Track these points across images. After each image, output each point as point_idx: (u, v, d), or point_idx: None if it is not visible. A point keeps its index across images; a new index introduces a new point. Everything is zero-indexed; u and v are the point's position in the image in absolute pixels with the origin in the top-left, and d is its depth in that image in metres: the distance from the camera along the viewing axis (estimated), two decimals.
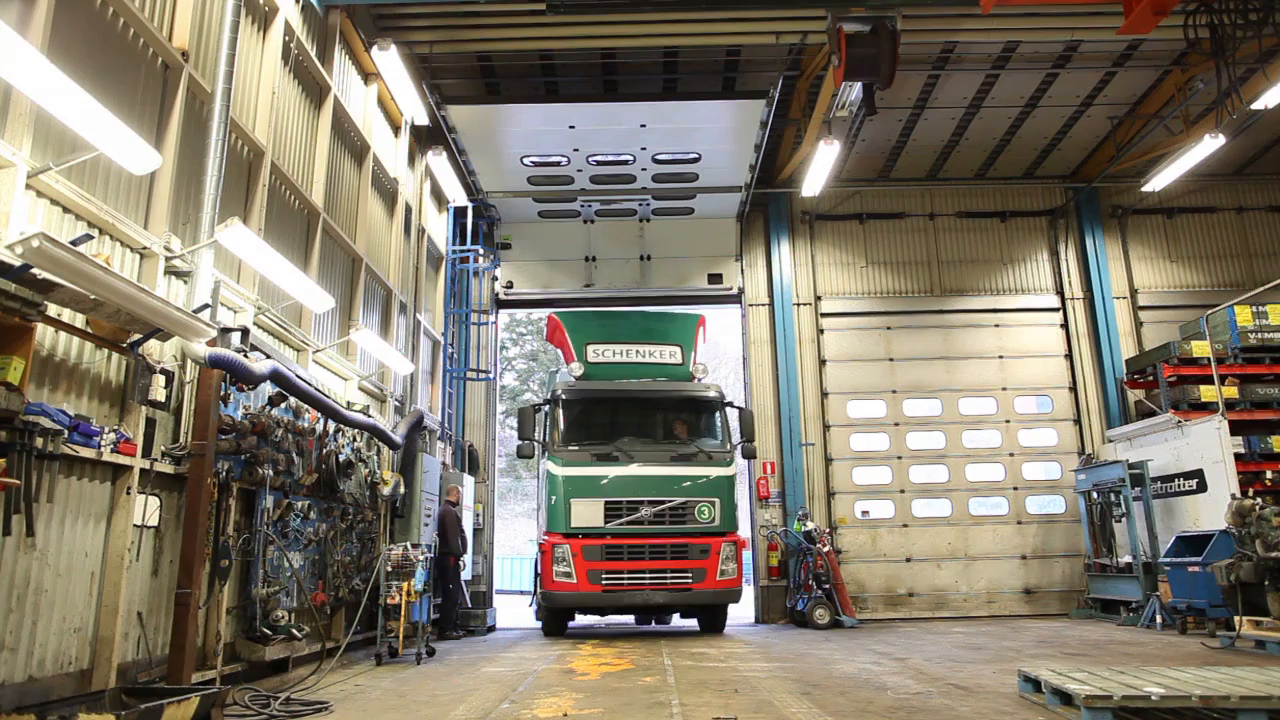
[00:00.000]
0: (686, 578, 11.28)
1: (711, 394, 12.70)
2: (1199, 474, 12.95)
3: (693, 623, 14.11)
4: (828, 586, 13.34)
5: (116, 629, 5.64)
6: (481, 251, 15.85)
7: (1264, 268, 16.84)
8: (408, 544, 9.87)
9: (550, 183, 15.21)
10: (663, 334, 13.53)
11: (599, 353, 13.12)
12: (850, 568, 15.27)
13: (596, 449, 11.90)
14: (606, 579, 11.17)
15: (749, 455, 12.46)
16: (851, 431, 16.17)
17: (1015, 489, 15.98)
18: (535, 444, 11.95)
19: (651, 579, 11.27)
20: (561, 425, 12.14)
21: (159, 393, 6.01)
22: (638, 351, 13.18)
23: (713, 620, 12.49)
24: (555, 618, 12.42)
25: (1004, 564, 15.64)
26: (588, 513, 11.43)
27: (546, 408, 12.49)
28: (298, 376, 7.84)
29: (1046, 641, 10.51)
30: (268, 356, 7.53)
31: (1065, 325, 16.70)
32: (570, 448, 11.94)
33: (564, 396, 12.38)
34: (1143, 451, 14.19)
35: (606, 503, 11.50)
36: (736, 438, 12.57)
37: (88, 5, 5.89)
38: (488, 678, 7.98)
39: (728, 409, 12.68)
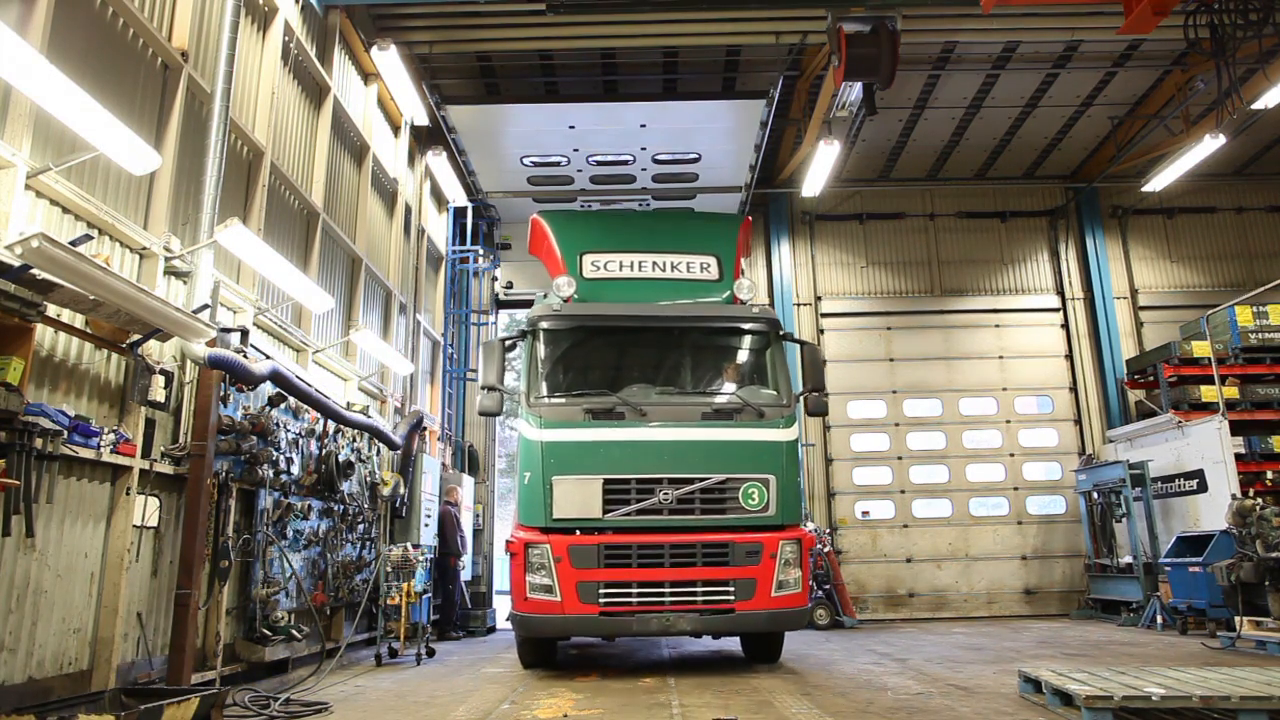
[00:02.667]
0: (727, 593, 7.39)
1: (762, 320, 8.48)
2: (1199, 474, 12.94)
3: (725, 643, 10.50)
4: (828, 587, 13.33)
5: (116, 630, 5.64)
6: (481, 252, 15.84)
7: (1264, 268, 16.83)
8: (408, 544, 9.86)
9: (550, 183, 15.20)
10: (691, 239, 9.41)
11: (599, 266, 8.93)
12: (850, 568, 15.27)
13: (593, 401, 7.83)
14: (607, 596, 7.30)
15: (817, 411, 8.23)
16: (852, 432, 16.17)
17: (1016, 489, 15.97)
18: (503, 394, 8.07)
19: (674, 596, 7.38)
20: (542, 367, 8.10)
21: (158, 393, 6.01)
22: (655, 264, 8.93)
23: (764, 646, 8.57)
24: (536, 647, 8.46)
25: (1004, 564, 15.63)
26: (578, 497, 7.50)
27: (521, 343, 8.51)
28: (297, 377, 7.84)
29: (1047, 642, 10.50)
30: (267, 357, 7.53)
31: (1066, 325, 16.69)
32: (554, 400, 7.90)
33: (545, 325, 8.21)
34: (1143, 452, 14.19)
35: (606, 482, 7.51)
36: (798, 387, 8.63)
37: (87, 5, 5.88)
38: (488, 678, 7.97)
39: (786, 344, 8.60)
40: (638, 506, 7.54)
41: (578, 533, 7.51)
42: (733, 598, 7.41)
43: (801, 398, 8.23)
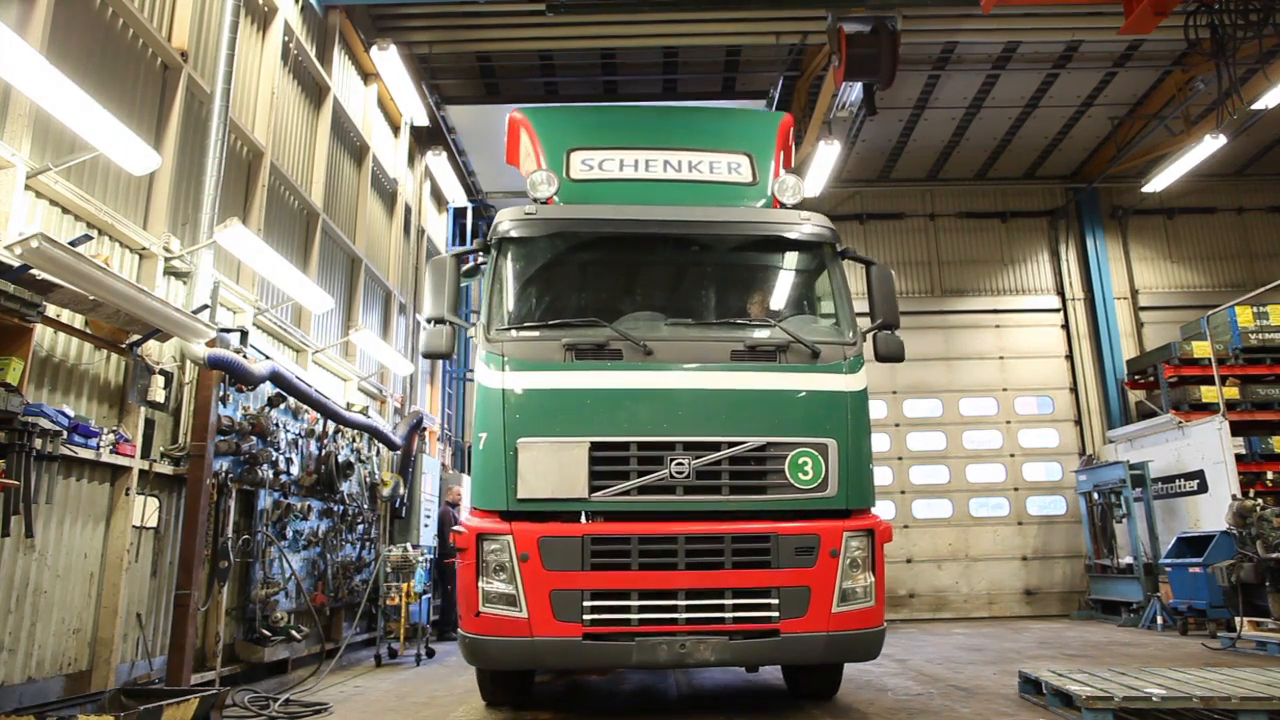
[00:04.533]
0: (768, 608, 5.19)
1: (811, 228, 6.11)
2: (1200, 475, 12.93)
3: (762, 673, 7.70)
4: None
5: (115, 630, 5.63)
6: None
7: (1265, 268, 16.82)
8: (407, 545, 9.86)
9: None
10: (715, 133, 6.99)
11: (592, 165, 6.50)
12: None
13: (578, 334, 5.53)
14: (595, 612, 5.10)
15: (890, 354, 5.95)
16: None
17: (1016, 490, 15.96)
18: (455, 330, 5.74)
19: (692, 612, 5.17)
20: (509, 291, 5.85)
21: (158, 393, 6.00)
22: (667, 163, 6.55)
23: (819, 677, 6.35)
24: (502, 681, 6.31)
25: (1005, 565, 15.63)
26: (554, 469, 5.25)
27: (481, 260, 6.33)
28: (297, 377, 7.84)
29: (1047, 643, 10.49)
30: (267, 357, 7.52)
31: (1066, 326, 16.69)
32: (522, 333, 5.62)
33: (515, 233, 5.88)
34: (1143, 452, 14.18)
35: (595, 448, 5.27)
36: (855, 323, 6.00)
37: (87, 5, 5.88)
38: None
39: (844, 262, 6.27)
40: (640, 483, 5.20)
41: (554, 520, 5.22)
42: (777, 614, 5.13)
43: (869, 336, 5.90)
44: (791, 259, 6.37)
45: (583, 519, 5.27)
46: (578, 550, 5.14)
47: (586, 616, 5.06)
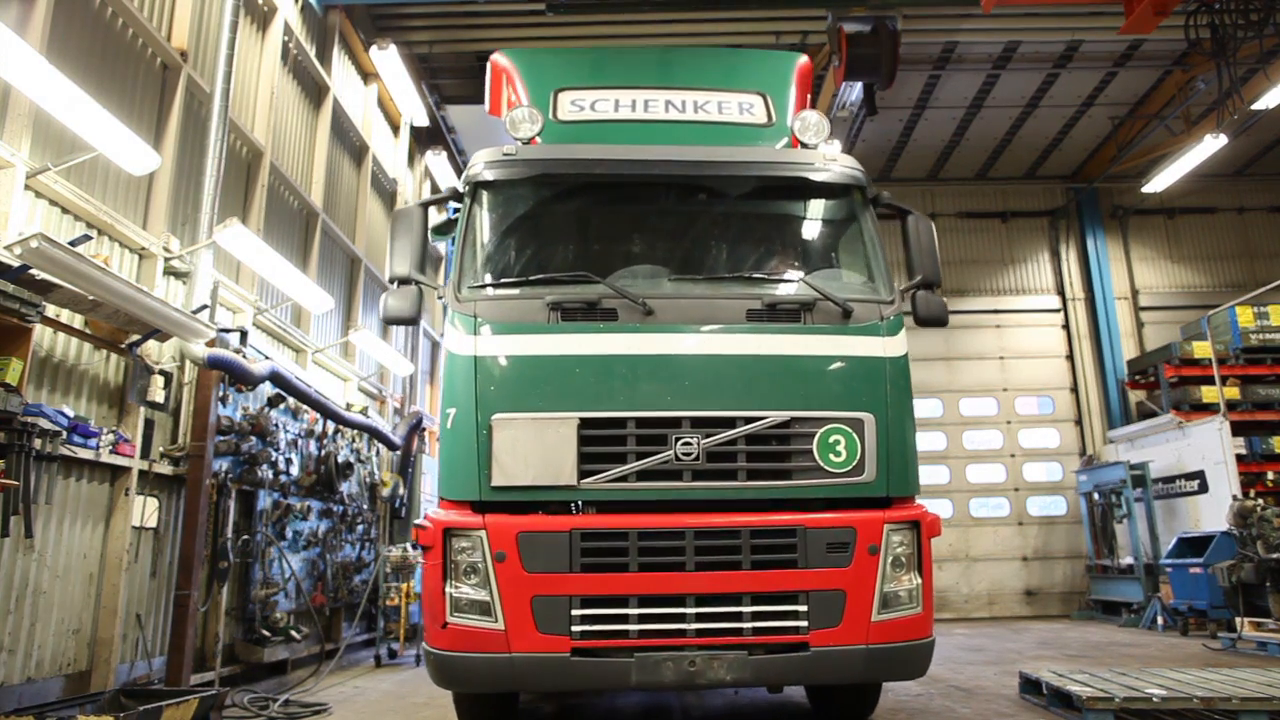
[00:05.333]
0: (795, 616, 4.38)
1: (839, 170, 5.32)
2: (1200, 475, 12.93)
3: (787, 691, 6.72)
4: None
5: (115, 630, 5.63)
6: None
7: (1265, 268, 16.81)
8: (407, 545, 9.86)
9: None
10: (725, 72, 6.29)
11: (583, 105, 5.84)
12: None
13: (564, 291, 4.73)
14: (586, 622, 4.30)
15: (931, 317, 5.07)
16: None
17: (1016, 490, 15.96)
18: (422, 289, 4.93)
19: (702, 621, 4.35)
20: (484, 243, 5.07)
21: (157, 394, 6.00)
22: (670, 103, 5.86)
23: (854, 700, 5.44)
24: (478, 706, 5.26)
25: (1005, 565, 15.62)
26: (537, 451, 4.45)
27: (453, 209, 5.83)
28: (296, 377, 7.83)
29: (1047, 643, 10.49)
30: (266, 357, 7.52)
31: (1066, 326, 16.69)
32: (499, 290, 4.82)
33: (490, 175, 5.08)
34: (1144, 452, 14.17)
35: (585, 425, 4.47)
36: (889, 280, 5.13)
37: (86, 5, 5.88)
38: None
39: (877, 211, 5.44)
40: (640, 466, 4.38)
41: (536, 512, 4.44)
42: (806, 624, 4.31)
43: (907, 295, 5.03)
44: (816, 206, 5.48)
45: (571, 510, 4.48)
46: (565, 547, 4.30)
47: (575, 628, 4.21)
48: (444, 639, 4.29)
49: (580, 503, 4.50)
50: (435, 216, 5.66)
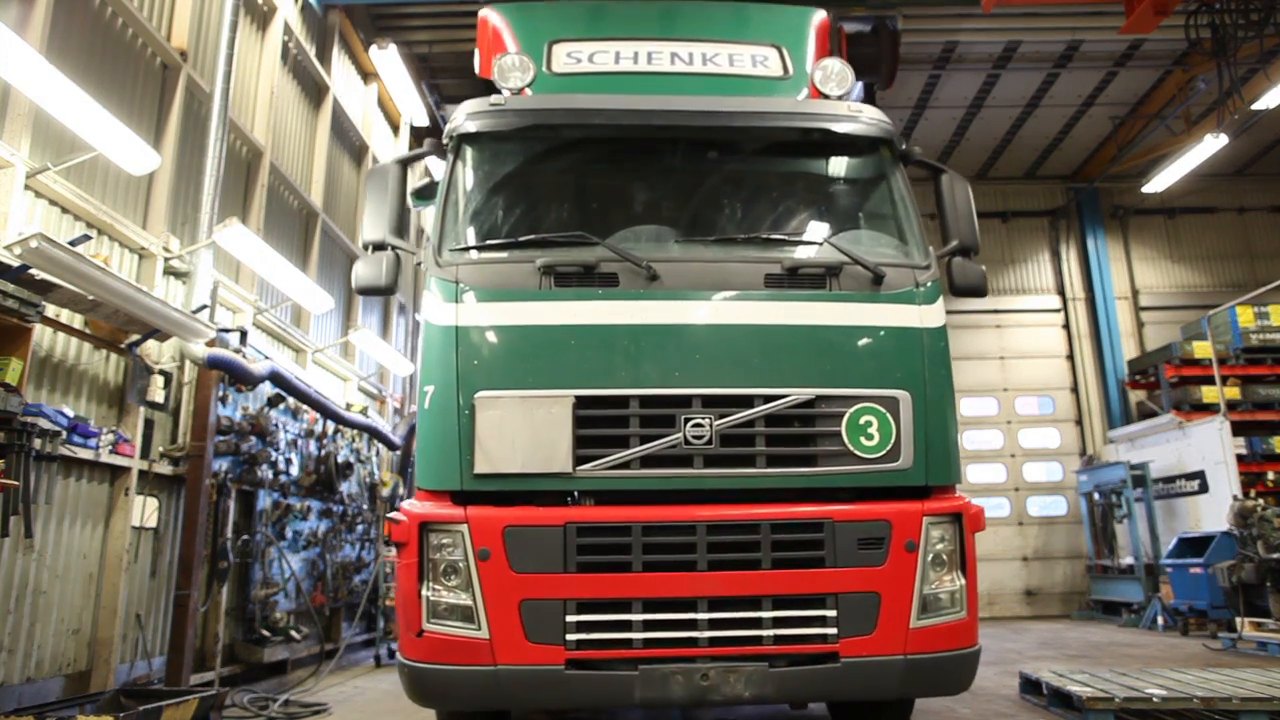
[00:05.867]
0: (824, 622, 3.83)
1: (866, 121, 4.77)
2: (1201, 475, 12.93)
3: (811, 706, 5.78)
4: None
5: (115, 630, 5.63)
6: None
7: (1266, 268, 16.81)
8: None
9: None
10: (736, 24, 5.79)
11: (579, 57, 5.41)
12: None
13: (558, 255, 4.19)
14: (582, 630, 3.74)
15: (968, 287, 4.67)
16: None
17: (1016, 490, 15.95)
18: (399, 256, 4.47)
19: (716, 629, 3.79)
20: (467, 202, 4.55)
21: (157, 393, 6.00)
22: (676, 55, 5.45)
23: (886, 716, 4.71)
24: None
25: (1005, 565, 15.62)
26: (526, 433, 3.90)
27: (435, 165, 5.12)
28: (296, 377, 7.83)
29: (1048, 643, 10.49)
30: (266, 357, 7.52)
31: (1067, 326, 16.69)
32: (484, 252, 4.31)
33: (476, 126, 4.57)
34: (1144, 452, 14.17)
35: (581, 405, 3.93)
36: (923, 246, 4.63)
37: (86, 5, 5.88)
38: None
39: (905, 168, 4.89)
40: (645, 451, 3.88)
41: (525, 504, 3.92)
42: (835, 631, 3.80)
43: (942, 261, 4.58)
44: (840, 162, 4.96)
45: (565, 501, 3.94)
46: (558, 544, 3.78)
47: (571, 636, 3.68)
48: (419, 649, 3.78)
49: (576, 493, 3.98)
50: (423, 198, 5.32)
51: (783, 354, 4.09)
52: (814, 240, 4.53)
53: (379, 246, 4.39)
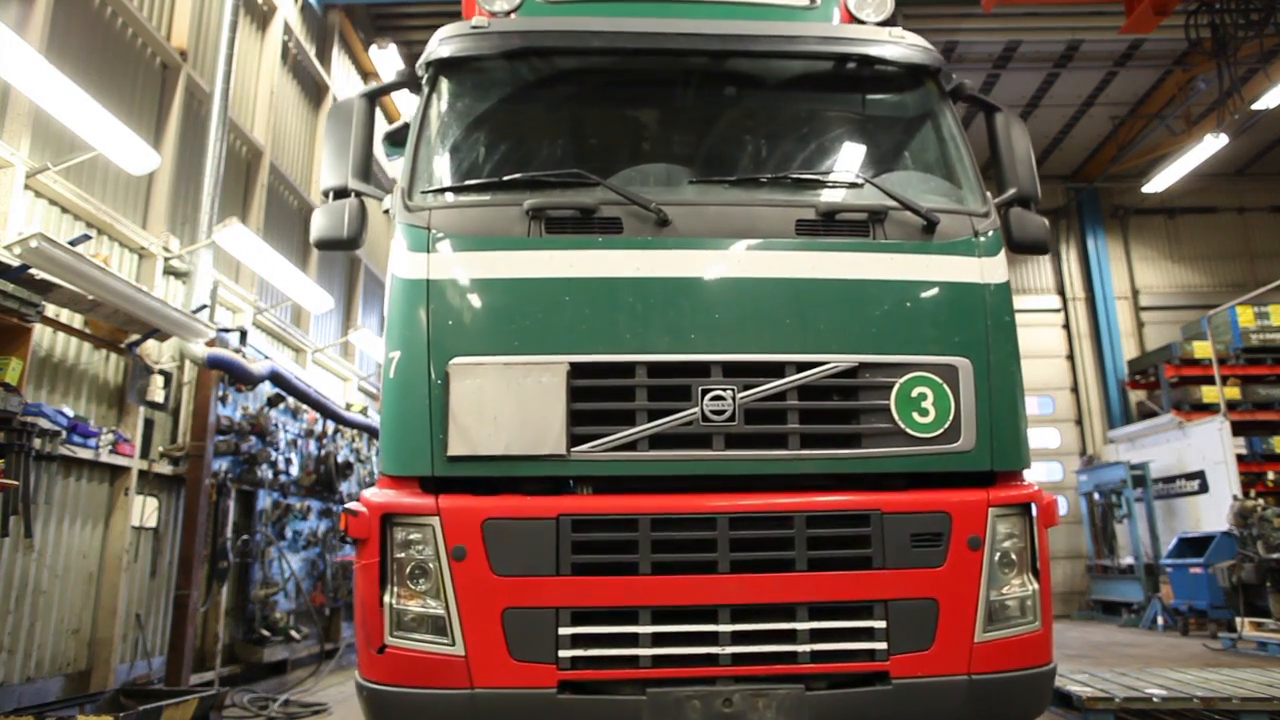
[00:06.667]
0: (871, 635, 3.08)
1: (907, 48, 3.96)
2: (1201, 475, 12.93)
3: None
4: None
5: (115, 630, 5.63)
6: None
7: (1266, 268, 16.80)
8: None
9: None
10: None
11: None
12: None
13: (550, 197, 3.42)
14: (577, 645, 3.01)
15: (1027, 241, 3.77)
16: None
17: None
18: (363, 202, 3.65)
19: (740, 644, 3.07)
20: (443, 136, 3.80)
21: (157, 393, 6.00)
22: None
23: None
24: None
25: None
26: (509, 406, 3.14)
27: (407, 99, 4.36)
28: (296, 377, 7.83)
29: None
30: (266, 357, 7.52)
31: (1067, 326, 16.68)
32: (464, 195, 3.54)
33: (453, 51, 3.78)
34: (1144, 452, 14.16)
35: (577, 371, 3.18)
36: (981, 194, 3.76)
37: (86, 5, 5.88)
38: None
39: (954, 105, 4.08)
40: (654, 429, 3.20)
41: (509, 493, 3.23)
42: (884, 645, 3.13)
43: (1000, 210, 3.79)
44: (880, 97, 4.29)
45: (558, 489, 3.27)
46: (549, 541, 3.10)
47: (564, 653, 3.02)
48: (381, 668, 3.09)
49: (571, 479, 3.29)
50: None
51: (819, 314, 3.40)
52: (854, 182, 3.75)
53: (340, 193, 3.65)
